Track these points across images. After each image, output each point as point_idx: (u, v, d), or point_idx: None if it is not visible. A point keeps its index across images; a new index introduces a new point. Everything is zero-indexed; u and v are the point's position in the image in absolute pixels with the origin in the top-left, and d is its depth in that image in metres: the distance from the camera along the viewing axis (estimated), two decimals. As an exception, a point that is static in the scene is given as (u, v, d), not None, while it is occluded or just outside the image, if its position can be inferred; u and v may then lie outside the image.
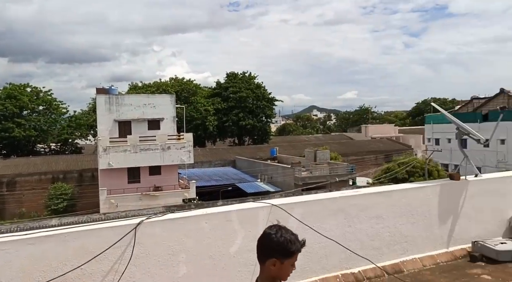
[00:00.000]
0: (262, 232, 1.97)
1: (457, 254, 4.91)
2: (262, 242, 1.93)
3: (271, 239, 1.89)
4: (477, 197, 5.12)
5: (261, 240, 1.94)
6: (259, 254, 1.93)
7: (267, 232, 1.94)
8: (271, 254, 1.88)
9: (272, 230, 1.93)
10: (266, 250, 1.90)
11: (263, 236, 1.94)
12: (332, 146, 45.83)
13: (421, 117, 72.16)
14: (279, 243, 1.88)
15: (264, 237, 1.94)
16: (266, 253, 1.90)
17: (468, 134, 5.20)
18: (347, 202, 4.42)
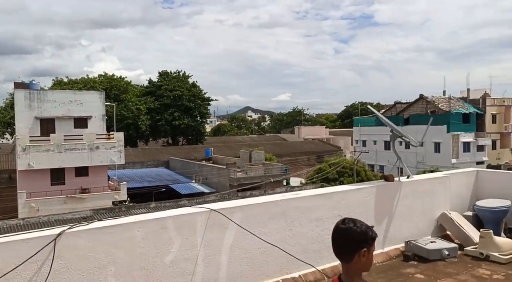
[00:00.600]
0: (338, 229, 1.90)
1: (391, 254, 5.02)
2: (346, 238, 1.85)
3: (354, 231, 1.84)
4: (409, 197, 5.29)
5: (344, 236, 1.86)
6: (343, 252, 1.87)
7: (346, 226, 1.87)
8: (359, 245, 1.83)
9: (349, 223, 1.87)
10: (353, 243, 1.84)
11: (344, 231, 1.86)
12: (266, 147, 46.40)
13: (349, 120, 75.84)
14: (363, 232, 1.85)
15: (345, 232, 1.86)
16: (353, 247, 1.83)
17: (401, 137, 5.35)
18: (288, 204, 4.31)
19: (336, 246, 1.90)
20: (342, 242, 1.88)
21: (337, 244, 1.90)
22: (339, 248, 1.90)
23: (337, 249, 1.90)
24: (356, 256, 1.84)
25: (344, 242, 1.87)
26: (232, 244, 3.94)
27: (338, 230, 1.90)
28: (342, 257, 1.88)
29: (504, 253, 4.79)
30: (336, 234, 1.91)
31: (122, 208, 24.95)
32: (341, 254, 1.89)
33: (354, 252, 1.84)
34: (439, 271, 4.56)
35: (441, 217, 5.53)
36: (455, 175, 6.01)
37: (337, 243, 1.90)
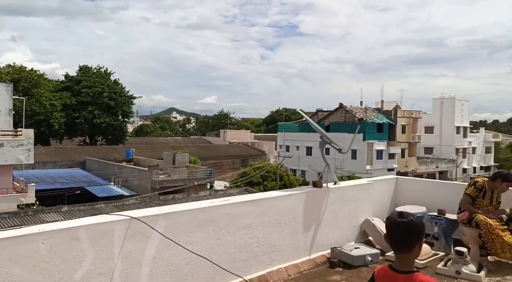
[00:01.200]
0: (401, 223, 1.98)
1: (318, 261, 5.00)
2: (412, 229, 1.96)
3: (415, 223, 1.97)
4: (336, 204, 5.33)
5: (410, 228, 1.96)
6: (406, 244, 1.96)
7: (409, 219, 1.97)
8: (420, 236, 1.97)
9: (409, 217, 1.99)
10: (416, 234, 1.96)
11: (409, 224, 1.96)
12: (191, 149, 45.62)
13: (274, 125, 77.60)
14: (422, 224, 2.01)
15: (410, 224, 1.96)
16: (416, 237, 1.96)
17: (330, 143, 5.38)
18: (217, 211, 4.06)
19: (400, 239, 1.98)
20: (407, 235, 1.96)
21: (402, 237, 1.97)
22: (403, 241, 1.97)
23: (401, 241, 1.98)
24: (416, 246, 1.97)
25: (410, 234, 1.96)
26: (155, 255, 3.60)
27: (401, 223, 1.98)
28: (404, 248, 1.98)
29: (421, 258, 4.99)
30: (400, 227, 1.98)
31: (28, 212, 22.76)
32: (404, 246, 1.97)
33: (415, 242, 1.96)
34: (363, 277, 4.61)
35: (365, 223, 5.66)
36: (377, 182, 6.21)
37: (401, 235, 1.97)
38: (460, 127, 58.38)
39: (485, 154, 64.06)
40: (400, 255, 2.00)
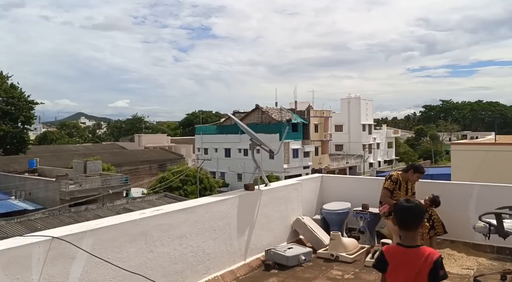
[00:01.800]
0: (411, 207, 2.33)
1: (253, 265, 4.94)
2: (420, 212, 2.36)
3: (419, 207, 2.36)
4: (269, 205, 5.32)
5: (418, 210, 2.35)
6: (416, 223, 2.34)
7: (416, 203, 2.38)
8: (422, 217, 2.39)
9: (413, 202, 2.37)
10: (420, 216, 2.35)
11: (417, 207, 2.35)
12: (104, 156, 43.01)
13: (191, 128, 76.53)
14: (422, 208, 2.41)
15: (418, 208, 2.36)
16: (420, 218, 2.35)
17: (260, 145, 5.36)
18: (148, 223, 3.78)
19: (409, 220, 2.32)
20: (414, 216, 2.32)
21: (410, 218, 2.32)
22: (410, 221, 2.32)
23: (409, 222, 2.32)
24: (420, 225, 2.36)
25: (415, 216, 2.32)
26: (81, 277, 3.23)
27: (409, 207, 2.34)
28: (411, 227, 2.33)
29: (350, 252, 5.20)
30: (408, 210, 2.33)
31: None
32: (411, 225, 2.33)
33: (420, 222, 2.35)
34: (298, 277, 4.65)
35: (296, 223, 5.74)
36: (304, 181, 6.35)
37: (410, 217, 2.32)
38: (366, 125, 63.06)
39: (388, 148, 69.96)
40: (408, 233, 2.32)
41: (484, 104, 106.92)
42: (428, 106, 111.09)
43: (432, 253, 2.24)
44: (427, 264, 2.19)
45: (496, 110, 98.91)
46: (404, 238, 2.35)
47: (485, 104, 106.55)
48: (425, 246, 2.38)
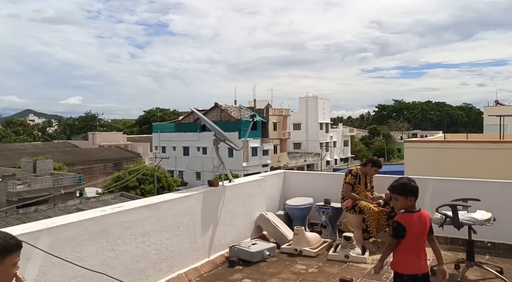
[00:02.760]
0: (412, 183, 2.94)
1: (217, 262, 4.88)
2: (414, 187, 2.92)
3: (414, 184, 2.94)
4: (233, 201, 5.28)
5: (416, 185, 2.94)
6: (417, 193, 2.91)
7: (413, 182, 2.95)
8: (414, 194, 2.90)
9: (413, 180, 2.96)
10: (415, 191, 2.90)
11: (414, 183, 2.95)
12: (55, 155, 41.13)
13: (148, 126, 74.75)
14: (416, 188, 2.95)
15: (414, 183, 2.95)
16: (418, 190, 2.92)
17: (224, 141, 5.30)
18: (110, 220, 3.63)
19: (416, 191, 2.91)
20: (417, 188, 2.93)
21: (416, 190, 2.92)
22: (416, 192, 2.91)
23: (416, 193, 2.91)
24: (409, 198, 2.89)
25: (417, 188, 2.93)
26: (37, 278, 3.05)
27: (413, 182, 2.95)
28: (416, 196, 2.90)
29: (313, 246, 5.26)
30: (413, 185, 2.93)
31: None
32: (416, 195, 2.90)
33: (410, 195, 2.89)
34: (263, 272, 4.65)
35: (259, 218, 5.74)
36: (268, 177, 6.36)
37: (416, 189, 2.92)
38: (323, 124, 64.43)
39: (344, 146, 71.91)
40: (414, 201, 2.89)
41: (432, 104, 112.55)
42: (381, 106, 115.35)
43: (428, 214, 2.96)
44: (428, 221, 2.92)
45: (444, 110, 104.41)
46: (412, 205, 2.90)
47: (433, 105, 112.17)
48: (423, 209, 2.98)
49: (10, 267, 1.73)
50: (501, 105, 47.94)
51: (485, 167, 14.71)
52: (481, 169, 14.41)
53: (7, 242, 1.72)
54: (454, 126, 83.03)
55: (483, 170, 14.10)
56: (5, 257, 1.71)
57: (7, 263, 1.72)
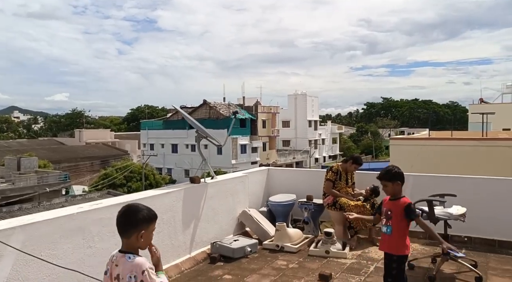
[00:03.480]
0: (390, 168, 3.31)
1: (198, 258, 4.88)
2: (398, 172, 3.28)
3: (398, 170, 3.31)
4: (215, 198, 5.28)
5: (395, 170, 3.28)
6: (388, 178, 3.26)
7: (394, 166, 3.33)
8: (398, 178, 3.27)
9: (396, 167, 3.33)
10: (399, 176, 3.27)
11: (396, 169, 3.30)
12: (40, 152, 40.60)
13: (136, 123, 74.15)
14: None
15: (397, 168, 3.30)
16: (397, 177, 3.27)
17: (206, 138, 5.29)
18: (87, 217, 3.60)
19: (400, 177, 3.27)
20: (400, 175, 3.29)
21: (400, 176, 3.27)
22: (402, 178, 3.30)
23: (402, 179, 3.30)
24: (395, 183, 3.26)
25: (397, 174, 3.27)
26: (9, 276, 3.01)
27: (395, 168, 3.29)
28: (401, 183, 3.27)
29: (295, 242, 5.30)
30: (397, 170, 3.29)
31: None
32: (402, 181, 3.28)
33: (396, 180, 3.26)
34: (244, 268, 4.66)
35: (242, 215, 5.75)
36: (251, 174, 6.37)
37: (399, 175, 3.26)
38: (312, 121, 64.66)
39: (332, 144, 72.30)
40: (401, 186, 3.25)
41: (419, 102, 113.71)
42: (369, 104, 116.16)
43: (405, 201, 3.22)
44: (403, 207, 3.18)
45: (430, 108, 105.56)
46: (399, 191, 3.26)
47: (420, 103, 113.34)
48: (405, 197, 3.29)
49: (151, 232, 2.18)
50: (485, 103, 48.78)
51: (467, 163, 14.95)
52: (464, 165, 14.64)
53: (151, 212, 2.17)
54: (441, 124, 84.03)
55: (465, 166, 14.33)
56: (150, 224, 2.15)
57: (151, 229, 2.17)
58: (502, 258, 4.76)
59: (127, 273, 2.00)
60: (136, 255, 2.08)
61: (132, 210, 2.15)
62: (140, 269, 1.99)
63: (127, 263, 2.04)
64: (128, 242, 2.11)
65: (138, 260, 2.04)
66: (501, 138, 16.55)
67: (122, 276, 2.03)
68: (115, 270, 2.10)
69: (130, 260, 2.04)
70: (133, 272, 2.00)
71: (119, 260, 2.10)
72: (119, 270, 2.07)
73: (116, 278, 2.07)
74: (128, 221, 2.12)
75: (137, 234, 2.09)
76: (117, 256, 2.13)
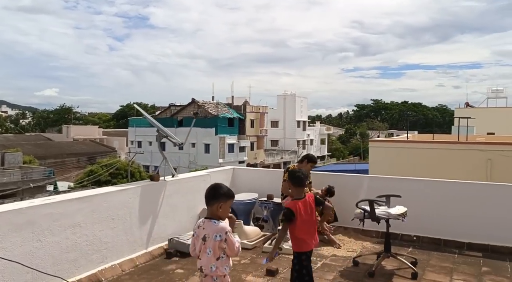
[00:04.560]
0: (300, 172, 3.57)
1: (155, 254, 5.04)
2: (304, 176, 3.56)
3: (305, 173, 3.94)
4: (174, 196, 5.44)
5: (303, 175, 3.53)
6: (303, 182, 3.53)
7: (302, 172, 3.62)
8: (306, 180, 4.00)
9: (301, 171, 3.65)
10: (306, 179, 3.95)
11: (303, 173, 3.58)
12: (26, 148, 40.34)
13: (125, 120, 73.87)
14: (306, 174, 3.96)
15: (303, 173, 3.58)
16: (305, 180, 3.65)
17: (166, 137, 5.46)
18: (37, 212, 3.75)
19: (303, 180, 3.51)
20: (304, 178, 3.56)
21: (303, 179, 3.52)
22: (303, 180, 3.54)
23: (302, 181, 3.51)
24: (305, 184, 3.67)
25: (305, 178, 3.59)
26: (-45, 267, 3.15)
27: (301, 173, 3.54)
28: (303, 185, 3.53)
29: (251, 239, 5.49)
30: (302, 174, 3.53)
31: None
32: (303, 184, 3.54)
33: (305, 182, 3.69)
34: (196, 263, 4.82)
35: (202, 212, 5.90)
36: (215, 173, 6.56)
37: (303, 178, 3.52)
38: (300, 122, 65.00)
39: (321, 144, 72.74)
40: (300, 189, 3.44)
41: (409, 105, 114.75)
42: (360, 105, 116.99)
43: (311, 195, 3.52)
44: (312, 202, 3.44)
45: (419, 111, 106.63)
46: (297, 193, 3.43)
47: (410, 105, 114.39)
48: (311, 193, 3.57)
49: (228, 207, 2.79)
50: (471, 107, 49.53)
51: (443, 166, 15.29)
52: (439, 168, 14.98)
53: (230, 192, 2.83)
54: (429, 126, 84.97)
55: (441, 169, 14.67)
56: (228, 200, 2.78)
57: (228, 203, 2.78)
58: (443, 256, 5.00)
59: (213, 233, 2.65)
60: (219, 221, 2.70)
61: (216, 187, 2.82)
62: (224, 230, 2.66)
63: (213, 226, 2.68)
64: (212, 210, 2.76)
65: (222, 224, 2.69)
66: (475, 142, 16.95)
67: (209, 235, 2.67)
68: (202, 232, 2.72)
69: (215, 224, 2.68)
70: (218, 232, 2.65)
71: (206, 224, 2.73)
72: (206, 231, 2.69)
73: (203, 238, 2.70)
74: (212, 194, 2.78)
75: (217, 205, 2.74)
76: (204, 221, 2.75)
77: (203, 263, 2.72)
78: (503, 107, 44.93)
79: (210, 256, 2.67)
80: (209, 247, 2.66)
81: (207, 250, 2.67)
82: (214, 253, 2.67)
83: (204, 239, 2.69)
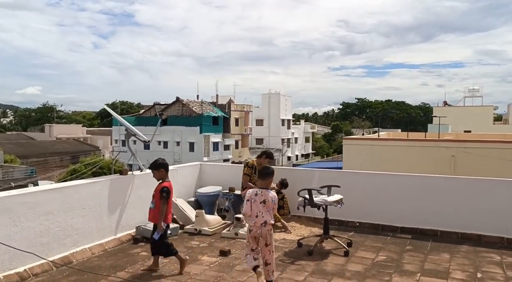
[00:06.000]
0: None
1: (123, 239, 5.62)
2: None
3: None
4: (142, 188, 6.00)
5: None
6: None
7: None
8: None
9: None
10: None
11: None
12: (7, 147, 40.22)
13: (109, 119, 73.65)
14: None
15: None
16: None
17: (135, 135, 6.02)
18: (13, 201, 4.29)
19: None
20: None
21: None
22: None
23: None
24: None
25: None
26: None
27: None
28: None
29: (212, 227, 6.10)
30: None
31: None
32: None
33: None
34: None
35: (169, 203, 6.49)
36: (183, 168, 7.14)
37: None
38: (285, 120, 65.81)
39: (305, 143, 73.70)
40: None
41: (393, 103, 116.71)
42: (345, 104, 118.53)
43: (164, 185, 4.50)
44: (159, 189, 4.48)
45: (402, 109, 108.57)
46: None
47: (393, 104, 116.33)
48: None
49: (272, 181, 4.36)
50: (449, 105, 50.93)
51: (411, 162, 16.14)
52: (408, 163, 15.81)
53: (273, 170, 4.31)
54: (412, 125, 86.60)
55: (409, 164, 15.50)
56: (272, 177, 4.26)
57: (272, 179, 4.27)
58: (378, 238, 5.70)
59: (271, 197, 3.94)
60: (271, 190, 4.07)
61: (269, 167, 4.26)
62: (275, 197, 4.02)
63: (270, 193, 3.97)
64: (266, 183, 4.08)
65: (273, 192, 4.09)
66: (441, 139, 17.85)
67: (267, 199, 3.90)
68: (261, 197, 3.92)
69: (270, 192, 3.98)
70: (273, 198, 3.95)
71: (264, 192, 3.95)
72: (265, 197, 3.91)
73: (262, 201, 3.90)
74: (266, 172, 4.13)
75: (270, 180, 4.16)
76: (262, 190, 3.97)
77: (266, 218, 3.90)
78: (479, 105, 46.44)
79: (270, 212, 3.93)
80: (269, 207, 3.90)
81: (269, 209, 3.91)
82: (272, 211, 3.96)
83: (264, 202, 3.89)
